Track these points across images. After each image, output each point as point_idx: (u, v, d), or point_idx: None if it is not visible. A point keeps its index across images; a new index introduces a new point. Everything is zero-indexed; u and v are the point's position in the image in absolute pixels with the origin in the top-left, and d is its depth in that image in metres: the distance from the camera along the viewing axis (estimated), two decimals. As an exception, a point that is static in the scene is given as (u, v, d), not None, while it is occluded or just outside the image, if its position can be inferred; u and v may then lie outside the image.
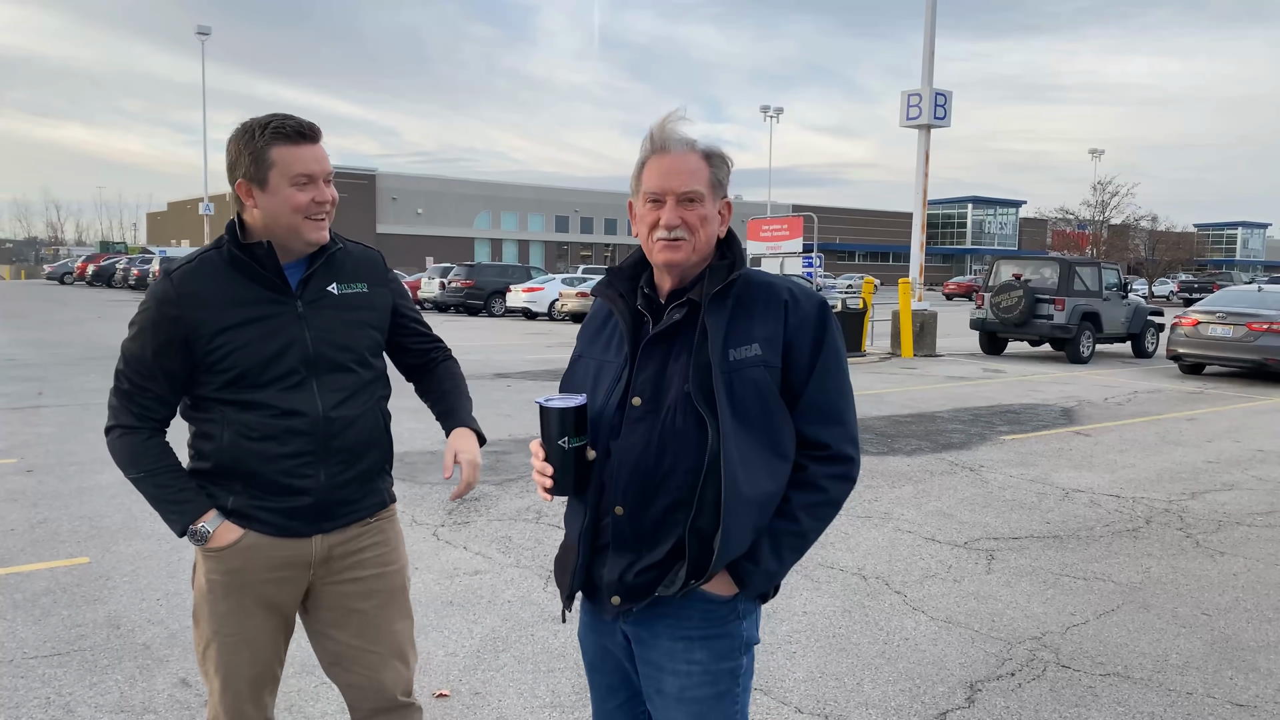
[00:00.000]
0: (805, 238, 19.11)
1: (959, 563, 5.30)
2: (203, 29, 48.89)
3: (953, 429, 9.66)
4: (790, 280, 1.93)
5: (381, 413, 2.31)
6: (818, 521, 1.86)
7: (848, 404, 1.90)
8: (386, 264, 2.39)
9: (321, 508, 2.20)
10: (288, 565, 2.20)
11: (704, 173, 1.85)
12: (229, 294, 2.11)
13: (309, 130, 2.09)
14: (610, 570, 1.87)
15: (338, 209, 2.18)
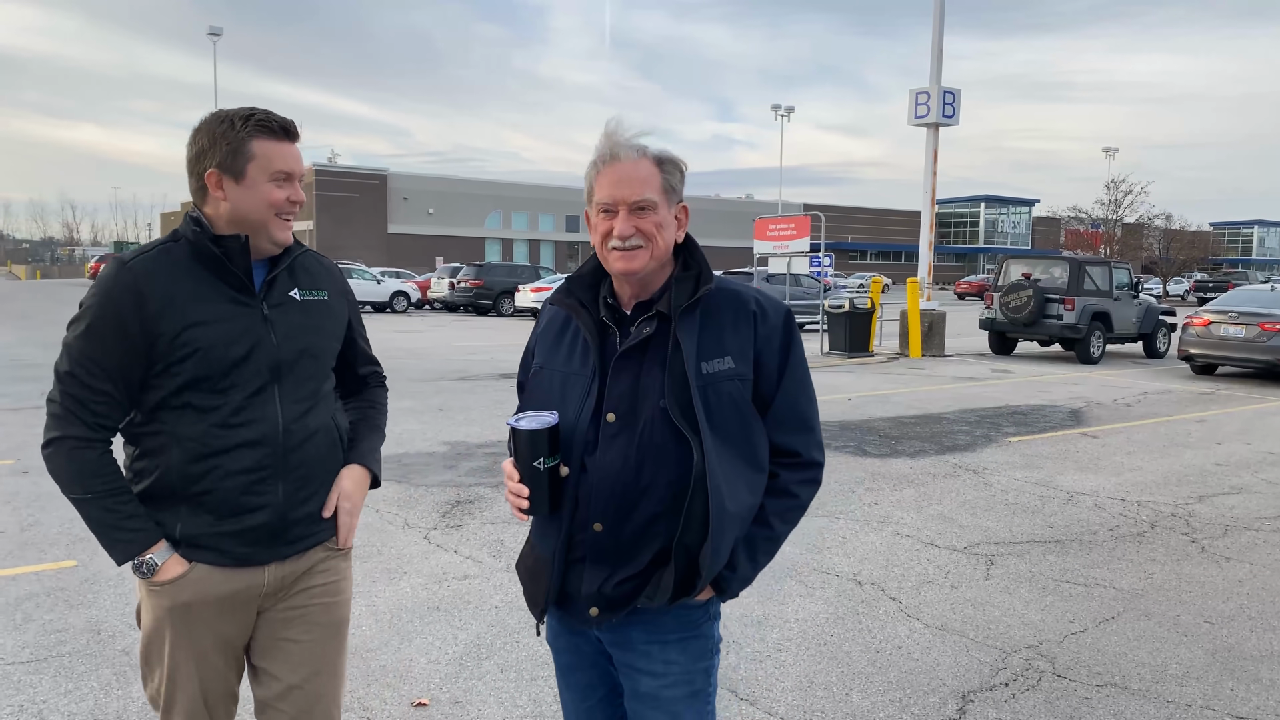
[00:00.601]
0: (813, 237, 18.96)
1: (957, 568, 5.21)
2: (214, 30, 49.10)
3: (958, 431, 9.55)
4: (755, 289, 1.94)
5: (338, 426, 2.19)
6: (788, 525, 1.92)
7: (814, 411, 1.95)
8: (344, 277, 2.29)
9: (279, 529, 2.03)
10: (237, 596, 2.05)
11: (656, 179, 1.83)
12: (193, 289, 1.95)
13: (291, 127, 2.02)
14: (588, 583, 1.87)
15: (350, 209, 2.15)
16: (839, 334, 17.59)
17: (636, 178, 1.81)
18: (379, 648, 3.98)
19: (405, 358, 16.00)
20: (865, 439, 8.96)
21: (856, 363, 16.45)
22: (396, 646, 4.00)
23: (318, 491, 2.10)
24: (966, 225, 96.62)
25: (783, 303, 1.93)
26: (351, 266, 32.80)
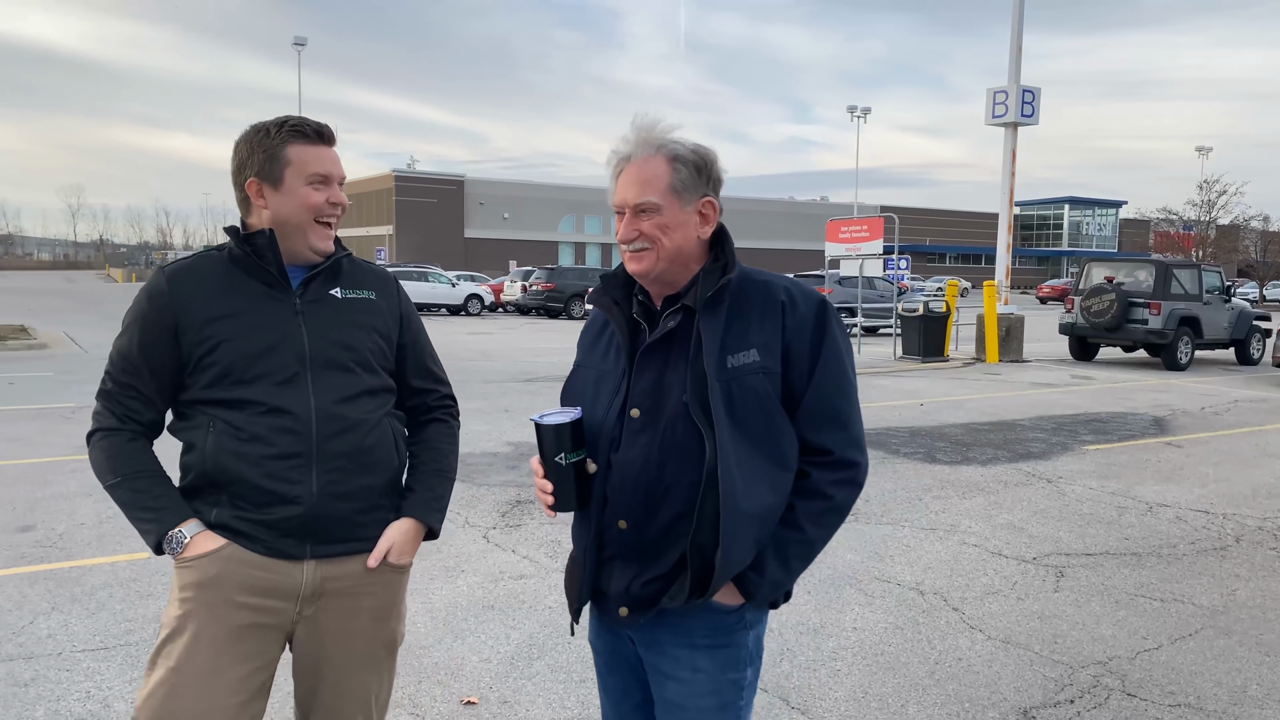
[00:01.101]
0: (887, 239, 18.64)
1: (1025, 579, 5.04)
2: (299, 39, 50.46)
3: (1033, 438, 9.27)
4: (789, 279, 1.88)
5: (393, 430, 2.09)
6: (824, 529, 1.82)
7: (851, 406, 1.84)
8: (401, 288, 2.23)
9: (313, 523, 1.95)
10: (272, 592, 1.95)
11: (662, 179, 1.78)
12: (223, 286, 1.98)
13: (326, 131, 2.02)
14: (617, 582, 1.86)
15: (429, 214, 2.14)
16: (912, 338, 17.25)
17: (641, 179, 1.78)
18: (432, 645, 4.01)
19: (475, 359, 16.21)
20: (935, 445, 8.76)
21: (930, 368, 16.11)
22: (449, 644, 4.03)
23: (359, 490, 1.99)
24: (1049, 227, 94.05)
25: (817, 293, 1.85)
26: (427, 270, 33.40)
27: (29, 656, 3.78)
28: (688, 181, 1.79)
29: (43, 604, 4.36)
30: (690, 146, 1.81)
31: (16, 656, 3.79)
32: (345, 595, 2.02)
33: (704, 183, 1.81)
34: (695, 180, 1.80)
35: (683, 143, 1.81)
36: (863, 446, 1.85)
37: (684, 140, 1.82)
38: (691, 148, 1.81)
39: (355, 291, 2.09)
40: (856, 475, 1.83)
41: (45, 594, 4.48)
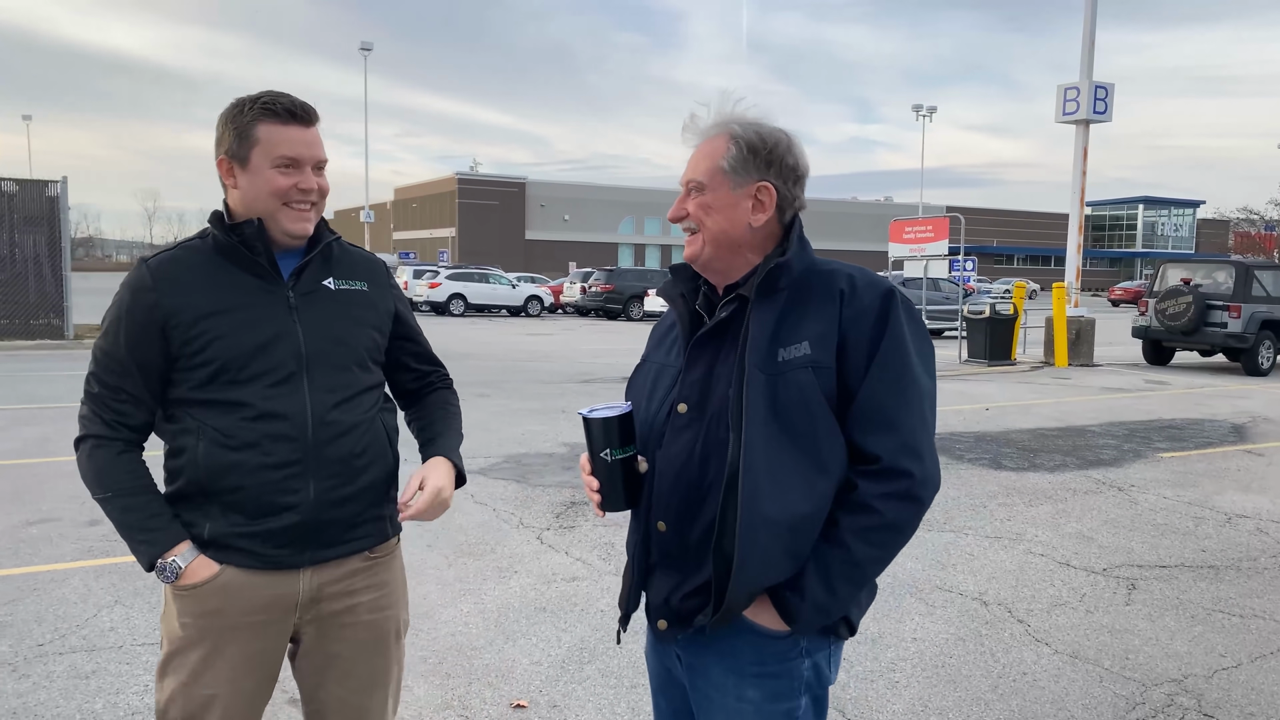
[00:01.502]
0: (953, 240, 18.28)
1: (1094, 591, 4.85)
2: (365, 45, 51.39)
3: (1103, 444, 8.97)
4: (855, 268, 1.72)
5: (385, 426, 2.04)
6: (874, 548, 1.61)
7: (909, 408, 1.62)
8: (389, 272, 2.16)
9: (311, 530, 1.90)
10: (272, 606, 1.91)
11: (715, 157, 1.68)
12: (212, 279, 1.88)
13: (301, 111, 1.89)
14: (657, 591, 1.75)
15: (490, 216, 2.09)
16: (979, 341, 16.88)
17: (698, 155, 1.70)
18: (484, 647, 3.99)
19: (533, 360, 16.28)
20: (1001, 451, 8.52)
21: (997, 371, 15.74)
22: (500, 646, 4.00)
23: (356, 493, 1.95)
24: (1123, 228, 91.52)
25: (885, 282, 1.67)
26: (488, 271, 33.71)
27: (91, 649, 3.86)
28: (739, 162, 1.67)
29: (106, 597, 4.44)
30: (754, 126, 1.68)
31: (80, 649, 3.86)
32: (343, 595, 1.99)
33: (760, 166, 1.68)
34: (749, 161, 1.67)
35: (750, 122, 1.69)
36: (921, 454, 1.62)
37: (756, 120, 1.70)
38: (755, 128, 1.68)
39: (348, 282, 2.01)
40: (911, 487, 1.60)
41: (109, 587, 4.57)
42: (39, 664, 3.70)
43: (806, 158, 1.73)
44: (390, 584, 2.08)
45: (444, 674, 3.73)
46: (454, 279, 31.71)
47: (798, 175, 1.71)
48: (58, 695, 3.45)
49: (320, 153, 1.93)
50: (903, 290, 1.70)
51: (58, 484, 6.51)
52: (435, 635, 4.10)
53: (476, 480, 6.87)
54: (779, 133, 1.69)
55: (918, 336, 1.66)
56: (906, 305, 1.66)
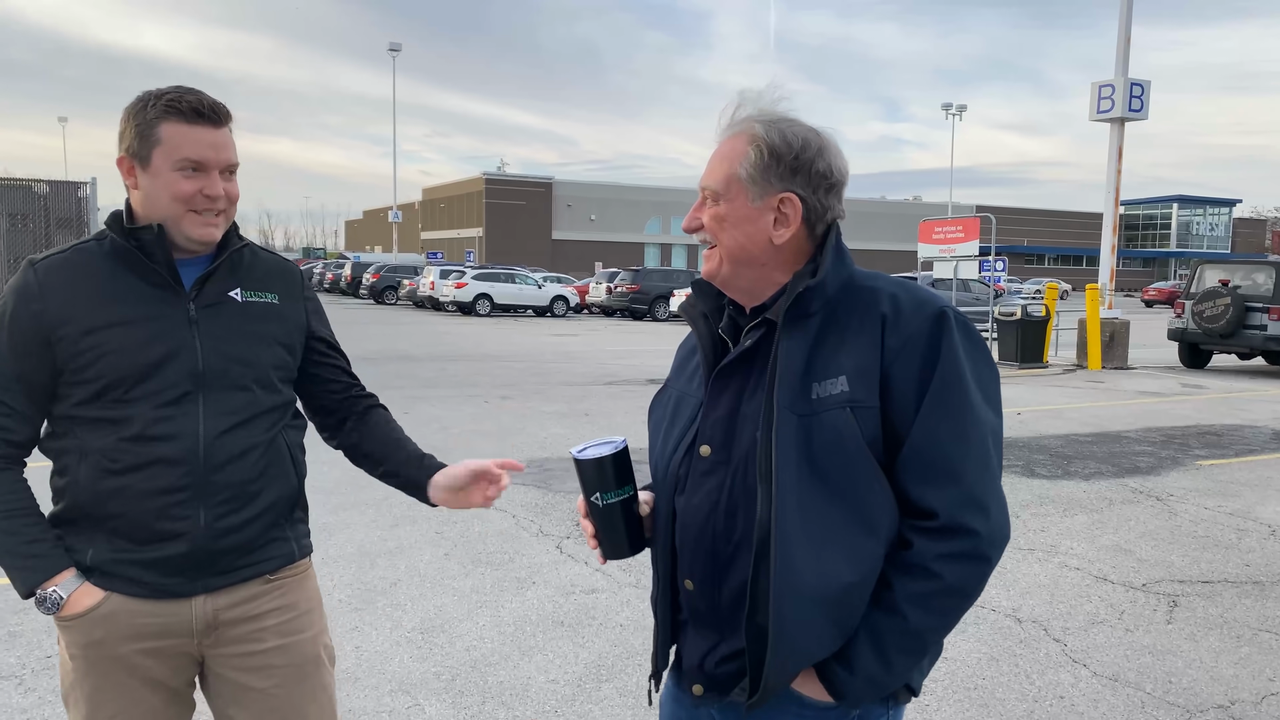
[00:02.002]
0: (983, 240, 17.98)
1: (1134, 608, 4.66)
2: (394, 46, 51.66)
3: (1139, 451, 8.73)
4: (901, 285, 1.48)
5: (288, 445, 1.90)
6: (933, 615, 1.40)
7: (970, 452, 1.39)
8: (305, 280, 2.00)
9: (202, 558, 1.77)
10: (163, 634, 1.79)
11: (733, 161, 1.46)
12: (104, 288, 1.75)
13: (209, 110, 1.74)
14: (691, 652, 1.56)
15: (517, 216, 1.94)
16: (1010, 343, 16.59)
17: (716, 157, 1.50)
18: (499, 662, 3.88)
19: (558, 361, 16.20)
20: (1033, 458, 8.31)
21: (1028, 374, 15.46)
22: (516, 662, 3.89)
23: (253, 518, 1.82)
24: (1156, 228, 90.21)
25: (936, 301, 1.44)
26: (514, 271, 33.72)
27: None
28: (758, 169, 1.45)
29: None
30: (779, 126, 1.46)
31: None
32: (244, 620, 1.85)
33: (784, 174, 1.45)
34: (770, 169, 1.45)
35: (776, 119, 1.47)
36: (987, 507, 1.39)
37: (784, 117, 1.48)
38: (780, 128, 1.46)
39: (257, 294, 1.86)
40: (976, 546, 1.38)
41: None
42: (45, 677, 3.63)
43: (843, 161, 1.51)
44: (301, 607, 1.93)
45: (457, 691, 3.62)
46: (480, 279, 31.73)
47: (831, 183, 1.49)
48: (61, 711, 3.38)
49: (229, 156, 1.78)
50: (957, 310, 1.47)
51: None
52: (450, 650, 3.99)
53: (497, 486, 6.76)
54: (808, 133, 1.47)
55: (978, 363, 1.44)
56: (963, 327, 1.43)
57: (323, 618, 2.00)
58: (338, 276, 44.01)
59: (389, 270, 38.52)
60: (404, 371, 13.75)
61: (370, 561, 5.09)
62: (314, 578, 2.01)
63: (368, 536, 5.54)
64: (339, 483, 6.71)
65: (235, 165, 1.80)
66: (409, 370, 13.97)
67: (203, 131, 1.74)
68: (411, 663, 3.86)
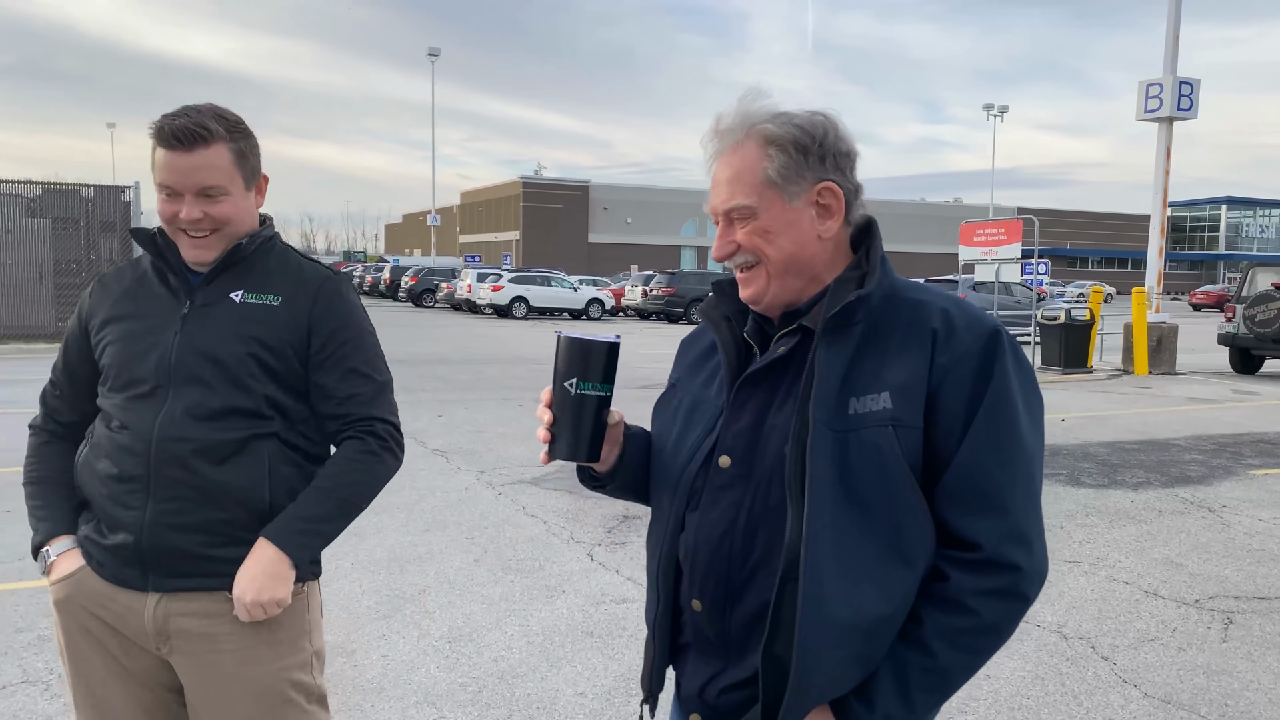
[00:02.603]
0: (1025, 242, 17.65)
1: (1186, 625, 4.47)
2: (433, 50, 52.06)
3: (1190, 460, 8.46)
4: (951, 299, 1.40)
5: (268, 457, 1.80)
6: (963, 654, 1.31)
7: (1018, 483, 1.31)
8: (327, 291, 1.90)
9: (145, 554, 1.75)
10: (123, 621, 1.80)
11: (754, 170, 1.36)
12: (129, 288, 1.89)
13: (184, 135, 1.73)
14: (691, 679, 1.46)
15: (554, 219, 1.90)
16: (1052, 348, 16.27)
17: (729, 174, 1.38)
18: (526, 674, 3.80)
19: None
20: (1079, 466, 8.09)
21: (1072, 380, 15.13)
22: (544, 673, 3.81)
23: (206, 522, 1.76)
24: (1204, 230, 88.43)
25: (989, 320, 1.37)
26: (550, 274, 33.77)
27: (127, 667, 3.76)
28: (789, 167, 1.36)
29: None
30: (788, 119, 1.38)
31: (115, 666, 3.76)
32: (199, 636, 1.78)
33: (816, 163, 1.37)
34: (800, 163, 1.36)
35: (784, 116, 1.38)
36: (1031, 542, 1.31)
37: (788, 113, 1.39)
38: (790, 120, 1.37)
39: (258, 296, 1.85)
40: (1016, 583, 1.29)
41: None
42: (73, 682, 3.61)
43: (850, 132, 1.43)
44: (270, 639, 1.81)
45: (483, 704, 3.54)
46: (516, 282, 31.79)
47: (852, 160, 1.42)
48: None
49: (201, 179, 1.76)
50: (1008, 331, 1.39)
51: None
52: (478, 660, 3.92)
53: (529, 491, 6.71)
54: (818, 117, 1.39)
55: (1027, 388, 1.36)
56: (1015, 350, 1.36)
57: (306, 651, 1.87)
58: (376, 280, 44.39)
59: (427, 273, 38.76)
60: (439, 374, 13.77)
61: (400, 567, 5.04)
62: (307, 605, 1.89)
63: (399, 541, 5.50)
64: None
65: (213, 187, 1.78)
66: (444, 373, 13.98)
67: (174, 156, 1.75)
68: (438, 673, 3.79)
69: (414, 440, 8.44)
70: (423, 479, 7.05)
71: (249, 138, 1.84)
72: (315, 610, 1.92)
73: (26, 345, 16.26)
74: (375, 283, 44.36)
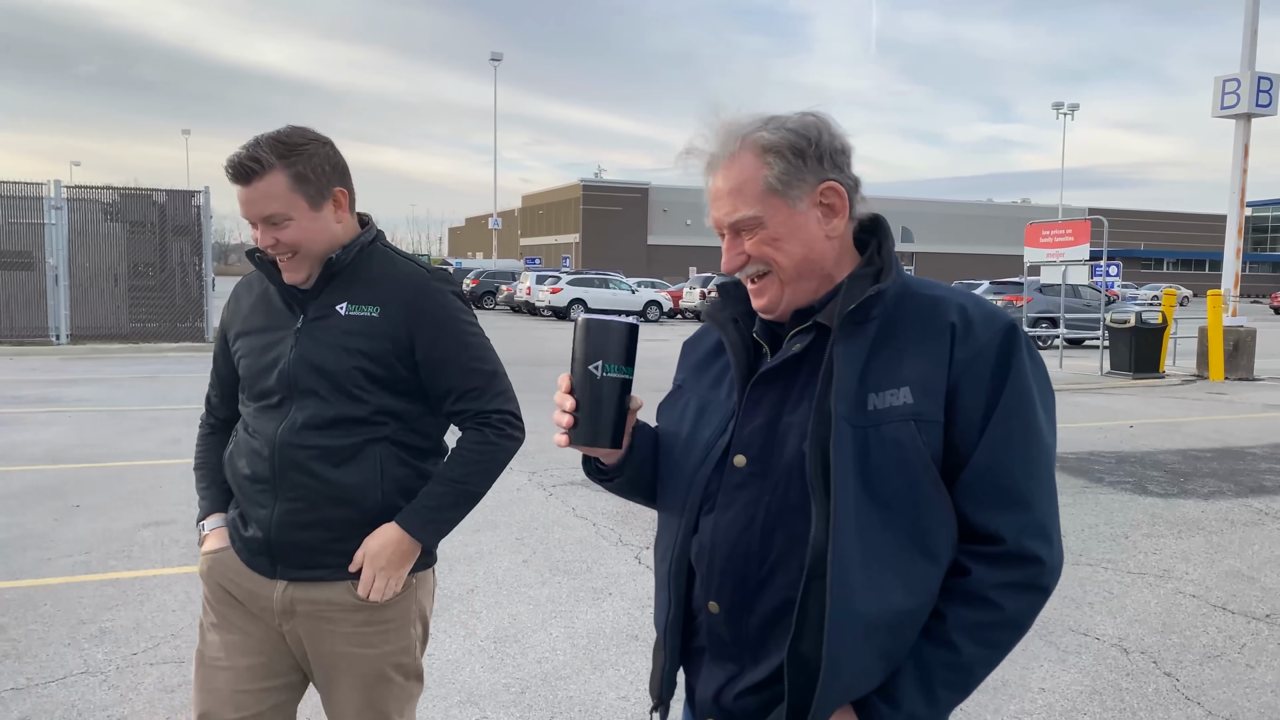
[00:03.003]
0: (1094, 243, 17.19)
1: (1256, 642, 4.29)
2: (495, 55, 52.61)
3: (1266, 469, 8.14)
4: (966, 295, 1.40)
5: (380, 461, 1.94)
6: (987, 649, 1.32)
7: (1037, 477, 1.33)
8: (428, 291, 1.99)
9: (274, 547, 1.94)
10: (253, 599, 2.00)
11: (754, 181, 1.36)
12: (256, 302, 2.05)
13: (239, 170, 1.85)
14: (705, 683, 1.44)
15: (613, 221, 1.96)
16: (1122, 352, 15.81)
17: (729, 188, 1.38)
18: (570, 676, 3.80)
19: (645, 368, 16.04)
20: (1147, 474, 7.83)
21: (1142, 385, 14.68)
22: (588, 676, 3.80)
23: (327, 520, 1.92)
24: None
25: (1004, 314, 1.37)
26: (609, 277, 33.88)
27: (180, 661, 3.84)
28: (789, 173, 1.36)
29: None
30: (779, 123, 1.37)
31: (170, 660, 3.85)
32: (317, 618, 1.96)
33: (814, 164, 1.37)
34: (799, 166, 1.36)
35: (775, 121, 1.38)
36: (1050, 535, 1.33)
37: (778, 117, 1.38)
38: (781, 125, 1.37)
39: (360, 308, 1.95)
40: (1039, 576, 1.32)
41: (208, 595, 4.59)
42: (129, 674, 3.71)
43: (841, 126, 1.41)
44: (381, 621, 1.98)
45: (526, 705, 3.55)
46: (574, 284, 31.98)
47: (848, 156, 1.41)
48: (141, 709, 3.43)
49: (262, 209, 1.87)
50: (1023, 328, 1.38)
51: (178, 486, 6.69)
52: (522, 661, 3.93)
53: (579, 493, 6.72)
54: (809, 118, 1.38)
55: (1042, 384, 1.36)
56: (1029, 345, 1.36)
57: (413, 635, 2.05)
58: (439, 282, 45.12)
59: (487, 276, 39.20)
60: (497, 376, 13.87)
61: (449, 567, 5.08)
62: (416, 593, 2.04)
63: (449, 541, 5.49)
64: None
65: (273, 215, 1.87)
66: (502, 374, 14.08)
67: (239, 191, 1.89)
68: (482, 673, 3.81)
69: (469, 441, 8.53)
70: (476, 479, 7.10)
71: (310, 158, 1.88)
72: (425, 598, 2.08)
73: (101, 345, 16.82)
74: (438, 285, 45.05)
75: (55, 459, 7.58)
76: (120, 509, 6.12)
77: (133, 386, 11.94)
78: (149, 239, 18.02)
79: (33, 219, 16.86)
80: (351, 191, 1.99)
